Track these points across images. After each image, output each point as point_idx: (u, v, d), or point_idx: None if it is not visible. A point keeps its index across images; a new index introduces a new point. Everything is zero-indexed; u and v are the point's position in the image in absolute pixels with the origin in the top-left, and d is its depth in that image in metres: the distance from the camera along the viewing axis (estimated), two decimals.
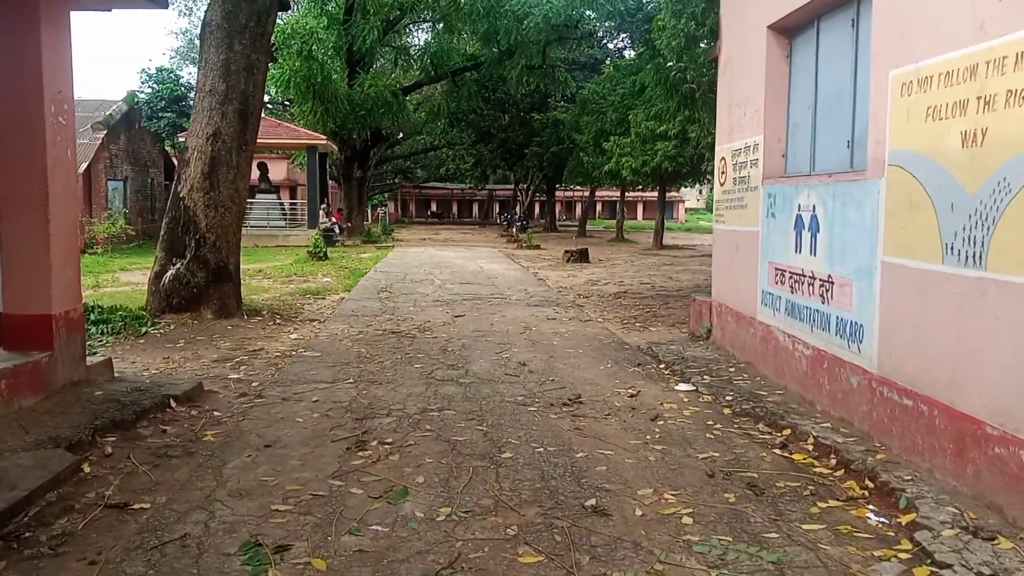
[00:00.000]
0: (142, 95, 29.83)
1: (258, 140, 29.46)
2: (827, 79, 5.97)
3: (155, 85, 30.14)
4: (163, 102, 29.03)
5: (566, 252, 21.31)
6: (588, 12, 31.87)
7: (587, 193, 50.66)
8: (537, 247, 28.63)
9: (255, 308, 10.43)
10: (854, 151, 5.47)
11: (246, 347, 8.08)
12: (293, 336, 8.73)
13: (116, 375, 6.26)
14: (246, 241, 28.16)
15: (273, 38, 27.86)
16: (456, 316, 10.37)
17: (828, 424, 5.17)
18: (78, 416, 4.93)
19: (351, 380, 6.51)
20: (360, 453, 4.60)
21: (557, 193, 54.18)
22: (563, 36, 34.04)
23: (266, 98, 52.28)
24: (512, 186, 59.51)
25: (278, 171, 43.70)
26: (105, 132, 25.92)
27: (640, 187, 38.96)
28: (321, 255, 20.31)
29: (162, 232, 9.47)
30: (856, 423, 4.99)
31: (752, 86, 7.06)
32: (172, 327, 8.90)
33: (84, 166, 24.19)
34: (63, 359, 5.46)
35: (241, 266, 18.32)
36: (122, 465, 4.36)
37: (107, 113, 26.60)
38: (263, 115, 42.11)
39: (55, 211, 5.29)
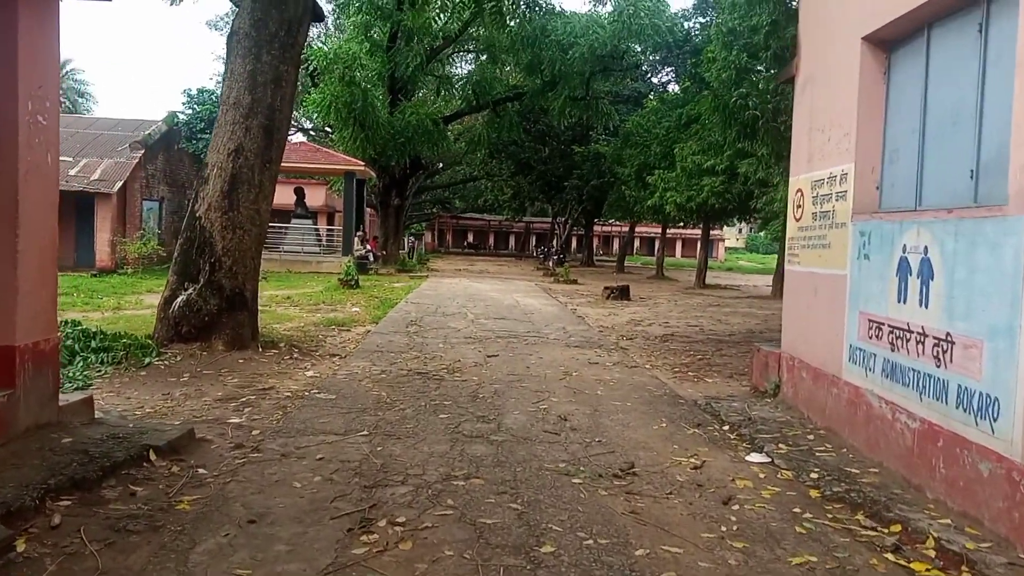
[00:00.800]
0: (183, 116, 29.80)
1: (296, 164, 29.22)
2: (940, 96, 5.01)
3: (196, 107, 30.02)
4: (203, 123, 28.87)
5: (606, 288, 20.35)
6: (634, 45, 31.13)
7: (626, 228, 49.70)
8: (575, 282, 27.71)
9: (272, 339, 9.64)
10: (979, 182, 4.48)
11: (255, 385, 7.26)
12: (309, 373, 7.88)
13: (97, 416, 5.45)
14: (279, 266, 27.98)
15: (315, 63, 28.05)
16: (489, 356, 9.46)
17: (948, 520, 4.13)
18: (31, 472, 4.10)
19: (365, 432, 5.62)
20: (364, 538, 3.68)
21: (595, 227, 53.22)
22: (608, 68, 33.42)
23: (308, 124, 52.75)
24: (550, 219, 58.80)
25: (316, 197, 43.54)
26: (143, 152, 25.74)
27: (682, 223, 38.03)
28: (352, 283, 19.64)
29: (176, 254, 8.76)
30: (987, 522, 3.95)
31: (839, 107, 6.12)
32: (179, 358, 8.12)
33: (119, 185, 23.99)
34: (27, 399, 4.65)
35: (263, 292, 17.64)
36: (67, 542, 3.50)
37: (146, 133, 26.46)
38: (302, 139, 41.96)
39: (27, 224, 4.53)
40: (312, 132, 50.90)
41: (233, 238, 8.57)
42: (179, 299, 8.41)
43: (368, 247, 30.16)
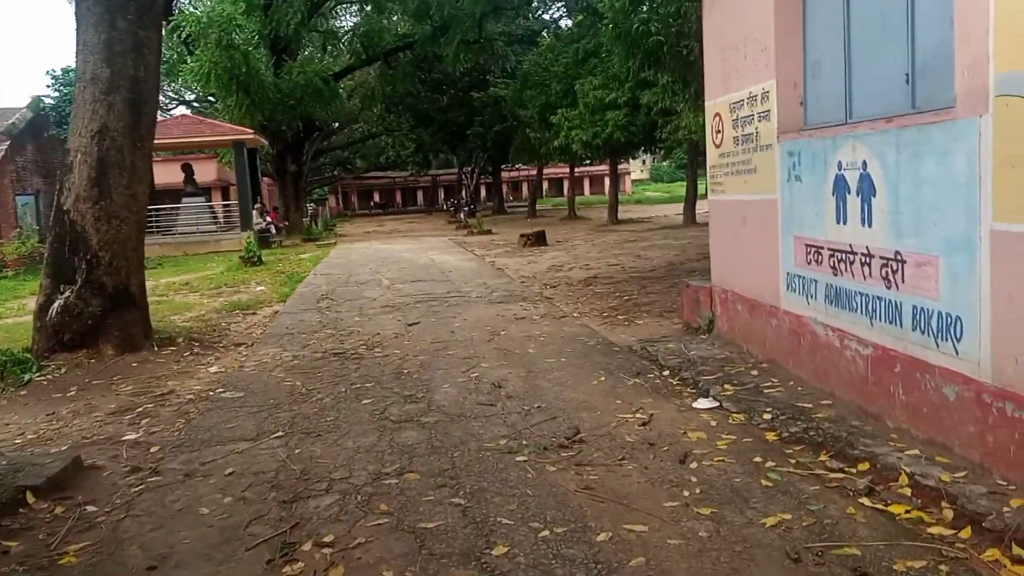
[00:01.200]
0: (49, 100, 27.46)
1: (179, 140, 27.41)
2: None
3: (63, 88, 27.71)
4: (71, 106, 26.78)
5: (522, 236, 19.94)
6: None
7: (534, 172, 49.31)
8: (489, 232, 27.22)
9: (170, 335, 8.81)
10: (915, 86, 4.17)
11: (152, 390, 6.53)
12: (213, 369, 7.18)
13: None
14: (174, 250, 26.40)
15: (188, 28, 26.12)
16: (410, 325, 8.91)
17: (916, 451, 3.90)
18: None
19: (280, 433, 5.03)
20: (287, 569, 3.16)
21: (503, 174, 52.62)
22: (499, 6, 32.47)
23: (190, 96, 49.70)
24: (456, 170, 57.85)
25: (207, 172, 41.34)
26: (8, 143, 23.61)
27: (589, 161, 37.82)
28: (255, 260, 18.57)
29: (46, 254, 7.81)
30: (958, 448, 3.73)
31: (753, 21, 5.73)
32: (63, 370, 7.27)
33: None
34: None
35: (158, 281, 16.58)
36: None
37: (9, 122, 24.26)
38: (185, 112, 39.49)
39: None
40: (196, 104, 48.15)
41: (109, 229, 7.67)
42: (56, 304, 7.50)
43: (268, 219, 28.82)
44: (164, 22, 30.25)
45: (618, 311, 9.02)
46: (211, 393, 6.29)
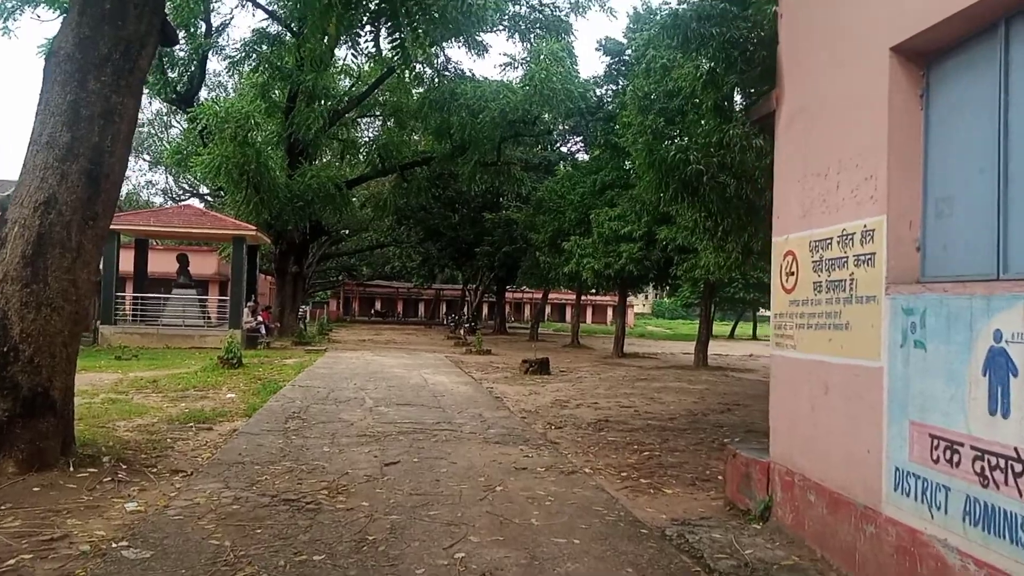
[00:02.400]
0: None
1: (178, 229, 26.46)
2: None
3: None
4: None
5: (524, 362, 18.55)
6: (546, 111, 30.19)
7: (539, 295, 48.50)
8: (488, 352, 25.87)
9: (98, 449, 7.30)
10: None
11: (42, 531, 5.00)
12: (130, 507, 5.65)
13: None
14: (156, 341, 24.93)
15: (205, 121, 25.78)
16: (387, 464, 7.39)
17: None
18: None
19: None
20: None
21: (507, 294, 51.84)
22: (519, 133, 32.50)
23: (204, 189, 49.61)
24: (460, 286, 57.22)
25: (207, 265, 40.64)
26: (2, 214, 22.69)
27: (595, 291, 36.96)
28: (234, 362, 17.15)
29: None
30: None
31: (856, 141, 4.60)
32: None
33: None
34: None
35: (126, 375, 15.04)
36: None
37: (4, 194, 23.42)
38: (191, 202, 39.03)
39: None
40: (209, 198, 47.95)
41: (37, 319, 6.33)
42: None
43: (260, 318, 27.52)
44: (183, 111, 30.24)
45: (639, 471, 7.51)
46: (113, 546, 4.76)
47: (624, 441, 9.21)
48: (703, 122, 10.65)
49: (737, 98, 10.19)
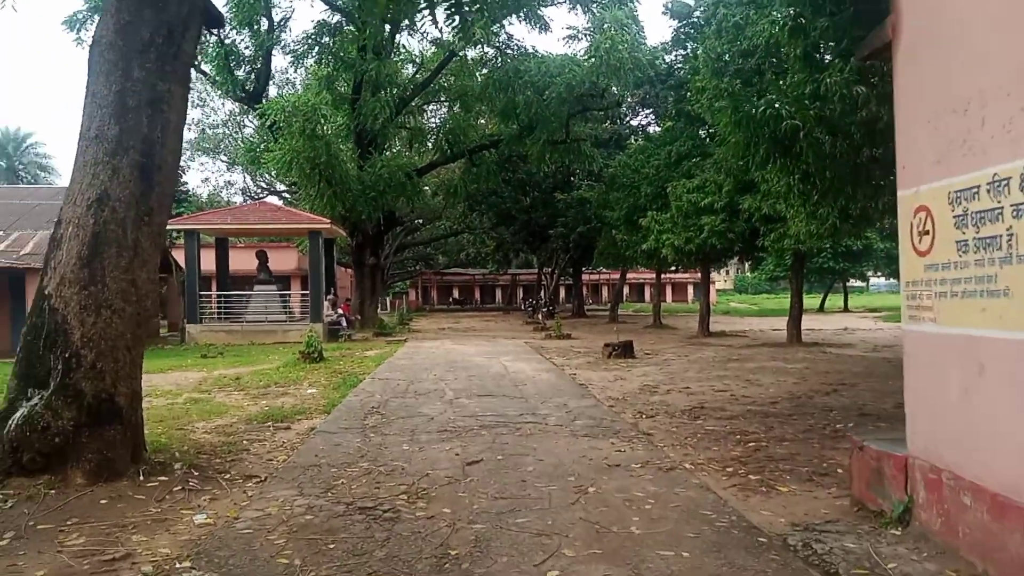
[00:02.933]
0: None
1: (254, 226, 26.65)
2: None
3: None
4: None
5: (607, 346, 17.85)
6: (613, 83, 29.13)
7: (616, 275, 47.52)
8: (568, 336, 25.25)
9: (170, 455, 7.04)
10: None
11: (107, 548, 4.67)
12: (199, 519, 5.29)
13: None
14: (241, 338, 25.24)
15: (273, 116, 25.82)
16: (469, 464, 6.88)
17: None
18: None
19: None
20: None
21: (583, 276, 50.98)
22: (587, 107, 31.61)
23: (281, 187, 50.31)
24: (536, 270, 56.69)
25: (287, 260, 41.22)
26: None
27: (675, 268, 35.81)
28: (315, 356, 17.04)
29: (19, 348, 6.21)
30: None
31: (1005, 67, 3.77)
32: (11, 503, 5.50)
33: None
34: None
35: (211, 373, 15.17)
36: None
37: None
38: (269, 199, 39.59)
39: None
40: (287, 195, 48.63)
41: (97, 322, 6.04)
42: (19, 414, 5.84)
43: (340, 311, 27.61)
44: (250, 107, 30.44)
45: (746, 466, 6.78)
46: (176, 567, 4.37)
47: (724, 430, 8.45)
48: (790, 75, 9.73)
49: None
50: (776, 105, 8.51)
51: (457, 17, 12.54)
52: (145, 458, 6.54)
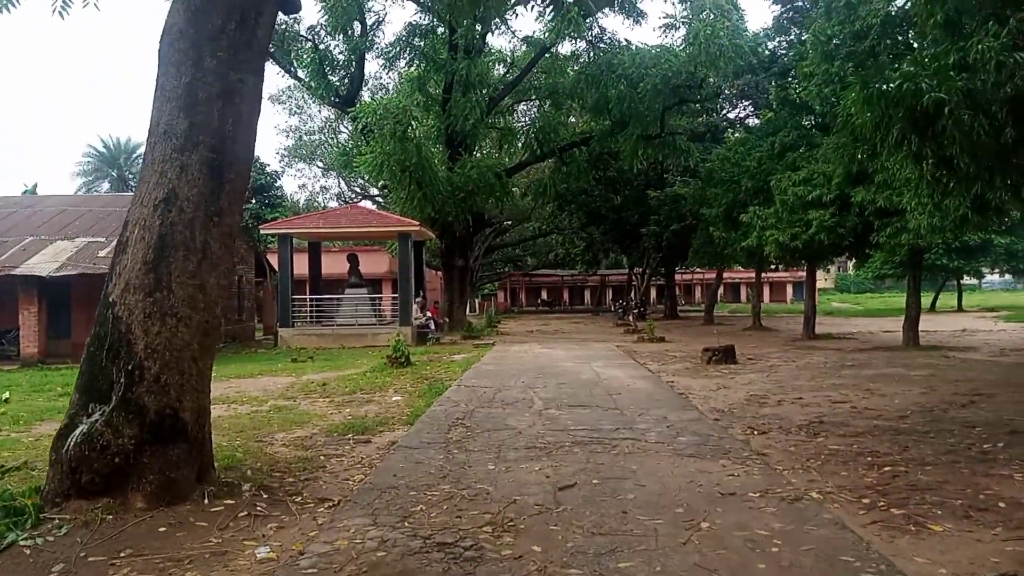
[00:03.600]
0: None
1: (345, 230, 26.62)
2: None
3: None
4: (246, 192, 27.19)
5: (706, 350, 16.78)
6: (711, 73, 27.79)
7: (710, 275, 45.83)
8: (661, 340, 24.16)
9: (242, 472, 6.60)
10: None
11: None
12: (261, 554, 4.74)
13: None
14: (332, 342, 25.24)
15: (364, 119, 25.76)
16: (562, 488, 6.15)
17: None
18: None
19: None
20: None
21: (675, 276, 49.39)
22: (684, 99, 30.37)
23: (374, 191, 50.81)
24: (626, 270, 55.44)
25: (379, 263, 41.53)
26: None
27: (775, 266, 34.07)
28: (402, 360, 16.68)
29: (82, 360, 5.86)
30: None
31: None
32: (65, 530, 5.11)
33: None
34: None
35: (299, 378, 14.99)
36: None
37: None
38: (363, 204, 40.03)
39: None
40: (380, 198, 49.09)
41: (162, 331, 5.62)
42: (78, 431, 5.47)
43: (429, 314, 27.38)
44: (343, 111, 30.63)
45: (885, 496, 5.79)
46: None
47: (852, 450, 7.42)
48: (927, 47, 8.58)
49: None
50: (915, 78, 7.41)
51: (553, 9, 11.89)
52: (213, 478, 6.10)
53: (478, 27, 29.66)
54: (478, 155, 33.07)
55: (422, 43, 29.86)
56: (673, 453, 7.41)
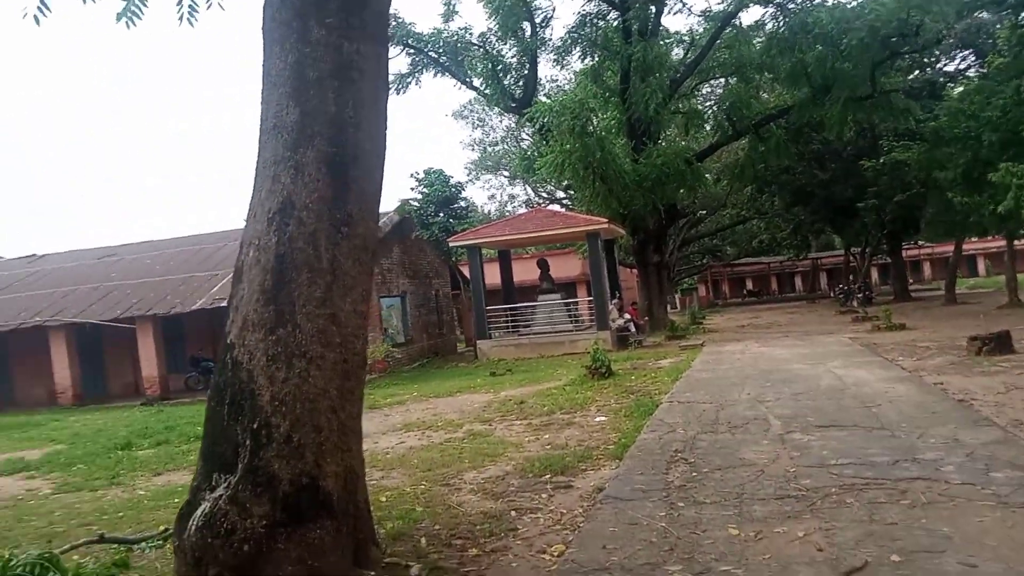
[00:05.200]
0: (414, 203, 28.08)
1: (531, 234, 25.39)
2: None
3: (425, 189, 28.15)
4: (433, 206, 26.79)
5: (973, 339, 13.65)
6: (928, 20, 23.87)
7: (945, 248, 40.17)
8: (902, 327, 20.71)
9: (414, 544, 5.24)
10: None
11: None
12: None
13: None
14: (529, 351, 24.14)
15: (541, 119, 24.64)
16: (847, 575, 4.21)
17: None
18: None
19: None
20: None
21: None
22: (896, 51, 26.37)
23: (560, 193, 49.81)
24: (842, 251, 50.37)
25: (571, 267, 40.31)
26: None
27: None
28: (603, 371, 15.07)
29: (205, 419, 4.75)
30: None
31: None
32: None
33: None
34: None
35: (496, 394, 13.90)
36: None
37: None
38: (551, 208, 39.06)
39: None
40: (567, 201, 48.04)
41: (290, 377, 4.37)
42: (199, 511, 4.33)
43: (627, 315, 25.58)
44: (519, 113, 29.73)
45: None
46: None
47: None
48: None
49: None
50: None
51: None
52: (375, 557, 4.77)
53: (651, 7, 27.74)
54: (663, 143, 30.90)
55: (594, 32, 28.39)
56: (996, 501, 5.16)
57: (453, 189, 30.71)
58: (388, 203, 35.11)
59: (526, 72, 30.20)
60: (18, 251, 31.29)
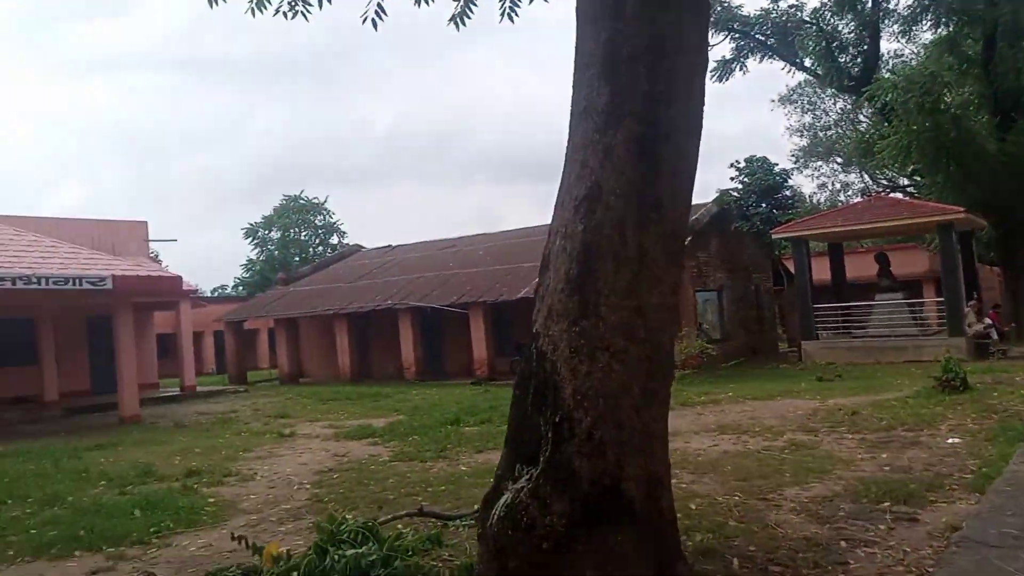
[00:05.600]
0: (733, 193, 26.82)
1: (868, 225, 23.08)
2: None
3: (746, 179, 26.74)
4: (754, 196, 25.33)
5: None
6: None
7: None
8: None
9: (724, 565, 4.75)
10: None
11: None
12: None
13: None
14: (863, 356, 21.77)
15: (883, 96, 22.18)
16: None
17: None
18: None
19: None
20: None
21: None
22: None
23: (904, 180, 44.50)
24: None
25: (914, 262, 35.79)
26: (690, 238, 23.22)
27: None
28: (957, 385, 12.97)
29: (510, 406, 4.70)
30: None
31: None
32: None
33: None
34: None
35: (825, 401, 12.75)
36: None
37: (693, 218, 24.05)
38: (879, 192, 35.19)
39: None
40: (911, 189, 42.91)
41: (591, 372, 4.14)
42: (501, 500, 4.28)
43: (988, 320, 21.94)
44: (856, 93, 27.02)
45: None
46: None
47: None
48: None
49: None
50: None
51: None
52: (681, 572, 4.38)
53: None
54: None
55: None
56: None
57: (777, 177, 28.85)
58: (707, 194, 34.20)
59: (865, 47, 27.48)
60: (377, 242, 35.64)
